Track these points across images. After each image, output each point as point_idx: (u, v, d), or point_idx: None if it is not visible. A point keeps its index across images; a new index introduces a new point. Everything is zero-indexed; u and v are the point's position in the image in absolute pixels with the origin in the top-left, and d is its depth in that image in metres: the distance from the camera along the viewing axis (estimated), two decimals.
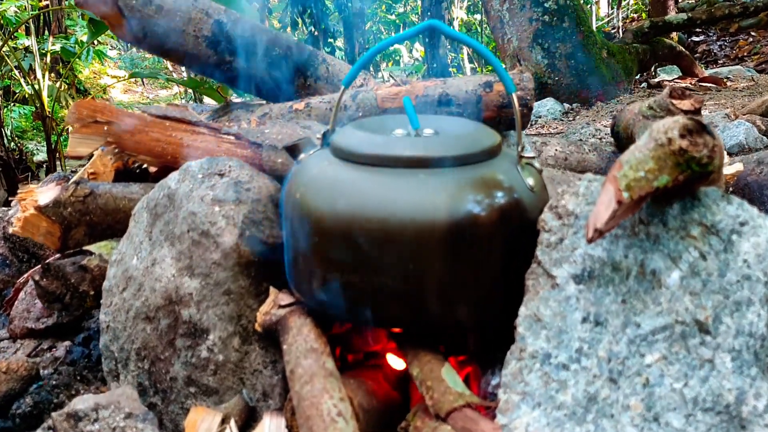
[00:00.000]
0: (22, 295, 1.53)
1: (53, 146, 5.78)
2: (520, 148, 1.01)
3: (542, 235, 0.95)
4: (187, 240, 1.11)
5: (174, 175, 1.19)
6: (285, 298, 1.08)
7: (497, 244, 0.95)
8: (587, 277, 0.92)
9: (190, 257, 1.11)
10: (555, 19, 5.02)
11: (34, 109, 6.61)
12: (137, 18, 1.35)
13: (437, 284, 0.93)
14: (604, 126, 4.20)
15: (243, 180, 1.17)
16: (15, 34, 7.02)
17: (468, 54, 11.47)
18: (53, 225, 1.34)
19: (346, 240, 0.94)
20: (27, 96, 6.93)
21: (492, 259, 0.95)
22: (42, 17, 8.40)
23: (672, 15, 6.15)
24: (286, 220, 1.05)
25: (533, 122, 4.69)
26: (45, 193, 1.35)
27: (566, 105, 4.99)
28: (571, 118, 4.89)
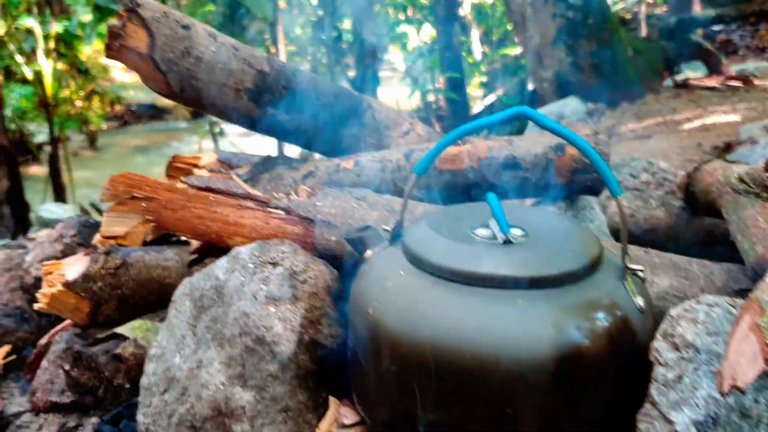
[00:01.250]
0: (44, 363, 1.41)
1: (56, 135, 5.63)
2: (627, 260, 0.88)
3: (657, 370, 0.83)
4: (239, 345, 0.99)
5: (222, 264, 1.06)
6: (348, 415, 0.97)
7: (606, 379, 0.82)
8: (711, 425, 0.80)
9: (242, 365, 0.98)
10: (579, 15, 4.83)
11: (34, 89, 6.46)
12: (174, 72, 1.21)
13: (535, 428, 0.81)
14: (636, 138, 4.04)
15: (298, 270, 1.05)
16: (17, 15, 6.84)
17: (479, 37, 11.20)
18: (82, 301, 1.22)
19: (427, 372, 0.82)
20: (29, 79, 6.79)
21: (600, 396, 0.83)
22: None
23: (699, 12, 5.95)
24: (354, 332, 0.93)
25: None
26: (73, 266, 1.22)
27: (590, 105, 4.83)
28: (595, 119, 4.74)
